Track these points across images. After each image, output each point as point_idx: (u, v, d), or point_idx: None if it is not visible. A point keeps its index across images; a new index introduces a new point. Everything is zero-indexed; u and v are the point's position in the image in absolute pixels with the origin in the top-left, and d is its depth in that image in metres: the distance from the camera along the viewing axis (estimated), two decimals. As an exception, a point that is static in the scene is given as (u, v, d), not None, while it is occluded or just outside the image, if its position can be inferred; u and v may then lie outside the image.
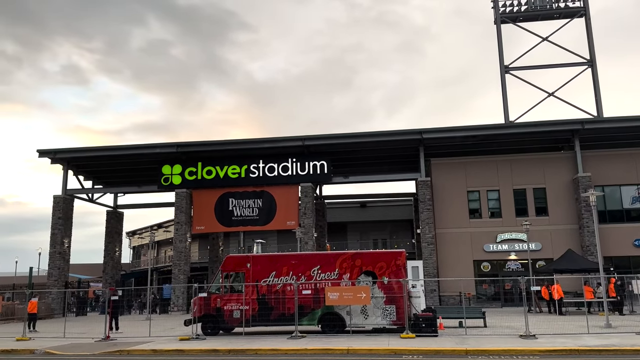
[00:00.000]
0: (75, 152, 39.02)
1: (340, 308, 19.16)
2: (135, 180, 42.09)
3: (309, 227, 35.90)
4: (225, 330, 20.55)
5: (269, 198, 37.43)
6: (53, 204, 38.16)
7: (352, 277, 19.56)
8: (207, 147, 38.18)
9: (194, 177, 37.97)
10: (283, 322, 19.60)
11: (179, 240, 37.45)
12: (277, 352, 15.59)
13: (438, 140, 36.18)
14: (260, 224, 37.86)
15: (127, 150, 38.72)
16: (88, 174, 41.79)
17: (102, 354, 16.56)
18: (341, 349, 15.59)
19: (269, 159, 37.30)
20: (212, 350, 16.26)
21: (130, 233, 70.75)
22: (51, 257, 37.46)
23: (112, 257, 43.15)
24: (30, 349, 17.65)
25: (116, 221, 44.04)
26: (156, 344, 17.97)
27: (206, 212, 38.13)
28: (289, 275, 19.88)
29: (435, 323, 18.50)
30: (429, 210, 35.02)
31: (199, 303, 20.29)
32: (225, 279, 20.81)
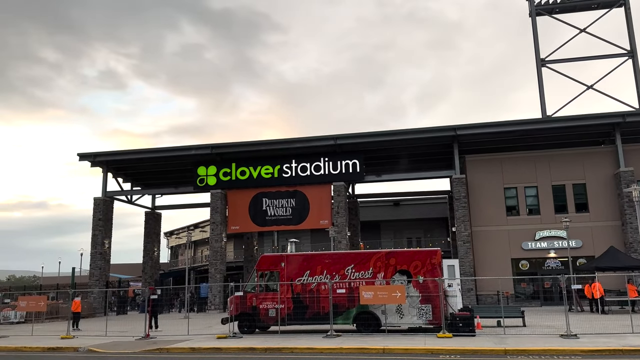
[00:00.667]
0: (114, 155, 40.16)
1: (375, 307, 19.09)
2: (172, 181, 43.01)
3: (342, 226, 35.90)
4: (261, 329, 20.78)
5: (302, 197, 37.60)
6: (93, 206, 39.37)
7: (387, 276, 19.46)
8: (241, 148, 38.66)
9: (229, 178, 38.51)
10: (318, 320, 19.68)
11: (214, 240, 38.05)
12: (313, 351, 15.66)
13: (473, 137, 35.58)
14: (294, 224, 38.10)
15: (164, 153, 39.59)
16: (127, 176, 42.92)
17: (143, 352, 17.00)
18: (377, 348, 15.54)
19: (302, 158, 37.48)
20: (249, 348, 16.47)
21: (168, 233, 72.33)
22: (92, 257, 38.66)
23: (151, 257, 44.22)
24: (74, 347, 18.27)
25: (154, 222, 45.09)
26: (194, 342, 18.33)
27: (241, 212, 38.62)
28: (323, 274, 19.93)
29: (472, 322, 18.22)
30: (464, 208, 34.48)
31: (236, 302, 20.57)
32: (260, 278, 21.04)
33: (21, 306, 25.59)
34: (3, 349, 18.86)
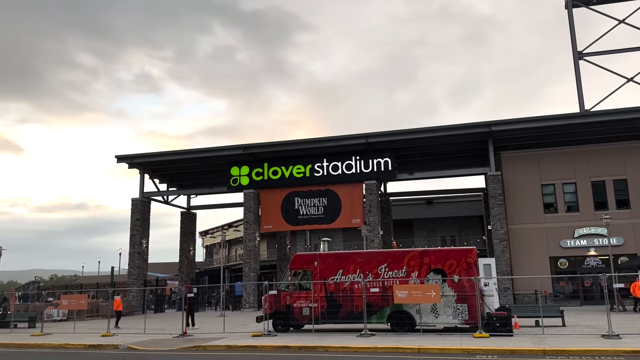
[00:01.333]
0: (150, 156, 41.07)
1: (409, 306, 18.95)
2: (206, 181, 43.71)
3: (375, 225, 35.74)
4: (295, 327, 20.91)
5: (334, 196, 37.62)
6: (131, 207, 40.38)
7: (421, 275, 19.28)
8: (273, 147, 38.95)
9: (261, 178, 38.87)
10: (351, 319, 19.66)
11: (248, 239, 38.48)
12: (347, 350, 15.67)
13: (508, 133, 34.82)
14: (326, 223, 38.16)
15: (198, 154, 40.26)
16: (163, 177, 43.85)
17: (180, 349, 17.36)
18: (412, 347, 15.42)
19: (333, 157, 37.48)
20: (283, 346, 16.60)
21: (203, 233, 73.53)
22: (131, 256, 39.69)
23: (187, 256, 45.05)
24: (114, 344, 18.79)
25: (190, 221, 45.93)
26: (230, 339, 18.59)
27: (273, 211, 38.93)
28: (356, 273, 19.90)
29: (510, 322, 17.88)
30: (500, 206, 33.83)
31: (270, 300, 20.77)
32: (293, 277, 21.17)
33: (63, 305, 26.46)
34: (47, 345, 19.58)
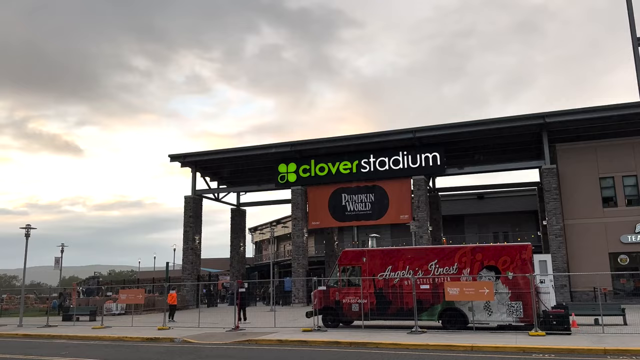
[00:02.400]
0: (201, 155, 42.15)
1: (461, 304, 18.60)
2: (255, 179, 44.43)
3: (423, 221, 35.25)
4: (345, 323, 20.95)
5: (381, 192, 37.36)
6: (184, 204, 41.61)
7: (473, 272, 18.88)
8: (319, 144, 39.07)
9: (308, 174, 39.10)
10: (401, 316, 19.50)
11: (296, 236, 38.84)
12: (398, 347, 15.56)
13: (564, 124, 33.45)
14: (373, 219, 37.96)
15: (246, 152, 40.96)
16: (213, 175, 44.91)
17: (233, 342, 17.76)
18: (464, 345, 15.13)
19: (380, 153, 37.21)
20: (334, 342, 16.68)
21: (252, 229, 74.78)
22: (184, 252, 40.92)
23: (238, 252, 46.00)
24: (170, 338, 19.44)
25: (240, 218, 46.85)
26: (281, 334, 18.85)
27: (320, 207, 39.11)
28: (406, 270, 19.71)
29: (567, 320, 17.26)
30: (555, 200, 32.59)
31: (319, 296, 20.90)
32: (342, 273, 21.20)
33: (122, 299, 27.64)
34: (108, 338, 20.50)
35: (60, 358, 15.29)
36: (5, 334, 23.32)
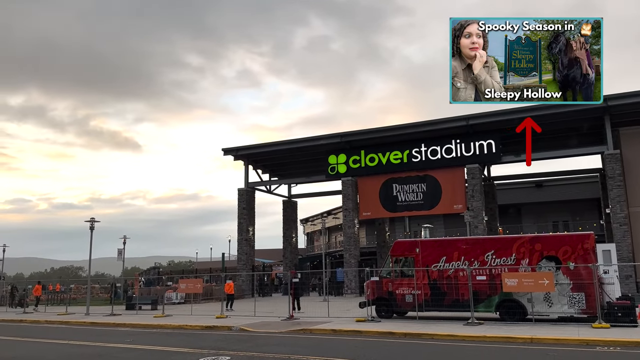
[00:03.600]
0: (253, 148, 42.92)
1: (519, 295, 18.08)
2: (305, 171, 44.76)
3: (478, 211, 34.40)
4: (398, 314, 20.84)
5: (433, 182, 36.75)
6: (238, 196, 42.54)
7: (532, 262, 18.30)
8: (369, 134, 38.84)
9: (358, 165, 38.97)
10: (457, 308, 19.19)
11: (347, 226, 38.89)
12: (454, 338, 15.34)
13: (628, 107, 31.64)
14: (425, 209, 37.41)
15: (296, 144, 41.33)
16: (265, 167, 45.63)
17: (288, 331, 18.07)
18: (524, 337, 14.73)
19: (431, 142, 36.54)
20: (388, 332, 16.64)
21: (304, 220, 75.50)
22: (239, 243, 41.89)
23: (290, 243, 46.61)
24: (227, 326, 20.00)
25: (291, 210, 47.41)
26: (335, 324, 19.00)
27: (371, 198, 38.93)
28: (461, 261, 19.35)
29: (633, 312, 16.47)
30: (619, 187, 30.99)
31: (372, 287, 20.87)
32: (394, 264, 21.08)
33: (181, 288, 28.68)
34: (169, 326, 21.33)
35: (126, 345, 16.07)
36: (74, 322, 24.73)
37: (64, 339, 17.96)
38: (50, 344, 17.00)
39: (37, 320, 26.10)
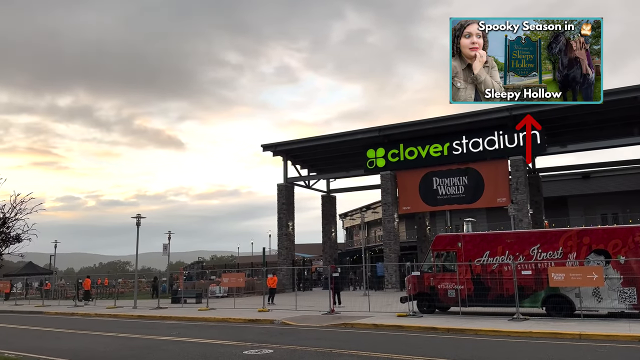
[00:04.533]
0: (292, 144, 43.21)
1: (567, 290, 17.54)
2: (344, 165, 44.72)
3: (523, 204, 33.50)
4: (441, 309, 20.59)
5: (475, 175, 36.01)
6: (277, 192, 42.97)
7: (580, 256, 17.71)
8: (408, 128, 38.42)
9: (397, 159, 38.61)
10: (501, 303, 18.80)
11: (387, 221, 38.65)
12: (498, 334, 15.04)
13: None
14: (467, 202, 36.73)
15: (334, 139, 41.32)
16: (303, 162, 45.86)
17: (330, 326, 18.15)
18: (572, 333, 14.30)
19: (473, 133, 35.78)
20: (430, 327, 16.47)
21: (343, 215, 75.49)
22: (279, 238, 42.34)
23: (329, 238, 46.75)
24: (269, 319, 20.27)
25: (330, 205, 47.51)
26: (376, 318, 18.95)
27: (411, 192, 38.52)
28: (505, 255, 18.91)
29: (691, 309, 15.69)
30: (673, 178, 29.52)
31: (413, 281, 20.69)
32: (436, 258, 20.81)
33: (224, 282, 29.24)
34: (213, 319, 21.81)
35: (172, 337, 16.53)
36: (123, 315, 25.62)
37: (113, 332, 18.64)
38: (101, 336, 17.67)
39: (87, 314, 27.18)
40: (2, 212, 10.66)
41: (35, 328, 21.11)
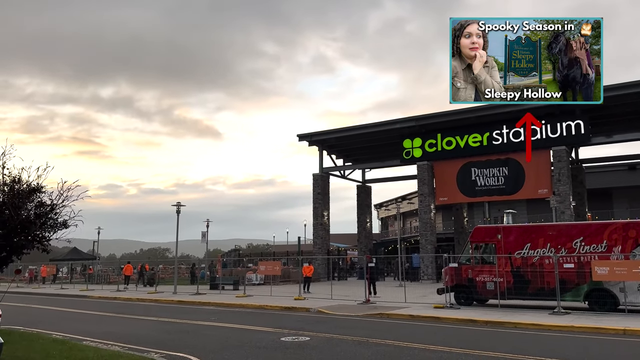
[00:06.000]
0: (327, 134, 43.18)
1: (611, 284, 17.00)
2: (380, 155, 44.42)
3: (565, 195, 32.54)
4: (478, 302, 20.29)
5: (516, 165, 35.17)
6: (313, 182, 43.11)
7: (625, 249, 17.11)
8: (446, 117, 37.73)
9: (434, 149, 38.08)
10: (541, 296, 18.38)
11: (423, 212, 38.26)
12: (539, 327, 14.73)
13: None
14: (507, 194, 35.95)
15: (371, 129, 41.05)
16: (339, 152, 45.81)
17: (365, 315, 18.19)
18: (615, 328, 13.88)
19: (514, 123, 34.85)
20: (468, 320, 16.28)
21: (378, 205, 75.19)
22: (315, 228, 42.55)
23: (364, 228, 46.68)
24: (306, 307, 20.46)
25: (365, 195, 47.37)
26: (412, 309, 18.86)
27: (448, 183, 37.98)
28: (546, 248, 18.44)
29: None
30: None
31: (450, 273, 20.45)
32: (474, 250, 20.50)
33: (261, 270, 29.67)
34: (250, 306, 22.18)
35: (211, 323, 16.92)
36: (163, 300, 26.37)
37: (154, 316, 19.22)
38: (142, 321, 18.26)
39: (129, 298, 28.10)
40: (50, 199, 11.11)
41: (80, 311, 21.98)
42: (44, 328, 15.35)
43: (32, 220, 11.08)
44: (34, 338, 12.58)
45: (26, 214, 11.10)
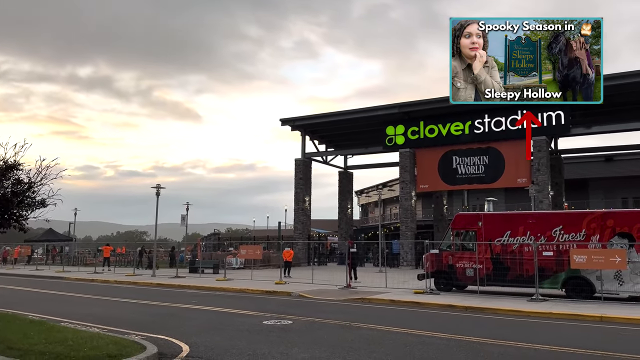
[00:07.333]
0: (310, 119, 42.99)
1: (588, 272, 17.36)
2: (362, 142, 44.44)
3: (544, 185, 33.07)
4: (458, 287, 20.54)
5: (496, 154, 35.56)
6: (295, 167, 42.97)
7: (603, 239, 17.46)
8: (428, 105, 37.88)
9: (417, 137, 38.23)
10: (520, 283, 18.71)
11: (404, 199, 38.50)
12: (518, 314, 14.97)
13: None
14: (487, 182, 36.40)
15: (354, 115, 40.97)
16: (321, 138, 45.68)
17: (347, 300, 18.25)
18: (592, 315, 14.19)
19: (495, 112, 35.18)
20: (448, 305, 16.47)
21: (359, 192, 75.45)
22: (295, 213, 42.50)
23: (345, 214, 46.81)
24: (287, 292, 20.44)
25: (347, 181, 47.43)
26: (393, 294, 19.00)
27: (429, 170, 38.24)
28: (526, 235, 18.72)
29: None
30: (701, 162, 28.82)
31: (431, 259, 20.63)
32: (455, 237, 20.69)
33: (241, 254, 29.54)
34: (231, 289, 22.08)
35: (192, 306, 16.77)
36: (142, 283, 26.06)
37: (134, 299, 18.98)
38: (121, 303, 18.01)
39: (107, 280, 27.72)
40: (28, 177, 10.72)
41: (57, 293, 21.59)
42: (21, 309, 15.00)
43: (9, 198, 10.73)
44: (11, 319, 12.27)
45: (2, 192, 10.75)
